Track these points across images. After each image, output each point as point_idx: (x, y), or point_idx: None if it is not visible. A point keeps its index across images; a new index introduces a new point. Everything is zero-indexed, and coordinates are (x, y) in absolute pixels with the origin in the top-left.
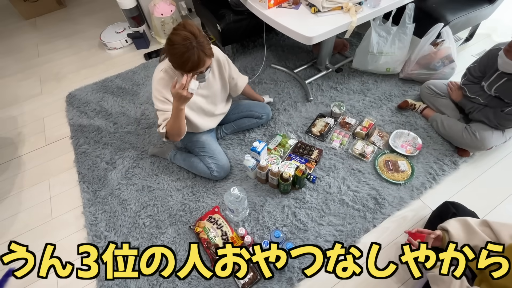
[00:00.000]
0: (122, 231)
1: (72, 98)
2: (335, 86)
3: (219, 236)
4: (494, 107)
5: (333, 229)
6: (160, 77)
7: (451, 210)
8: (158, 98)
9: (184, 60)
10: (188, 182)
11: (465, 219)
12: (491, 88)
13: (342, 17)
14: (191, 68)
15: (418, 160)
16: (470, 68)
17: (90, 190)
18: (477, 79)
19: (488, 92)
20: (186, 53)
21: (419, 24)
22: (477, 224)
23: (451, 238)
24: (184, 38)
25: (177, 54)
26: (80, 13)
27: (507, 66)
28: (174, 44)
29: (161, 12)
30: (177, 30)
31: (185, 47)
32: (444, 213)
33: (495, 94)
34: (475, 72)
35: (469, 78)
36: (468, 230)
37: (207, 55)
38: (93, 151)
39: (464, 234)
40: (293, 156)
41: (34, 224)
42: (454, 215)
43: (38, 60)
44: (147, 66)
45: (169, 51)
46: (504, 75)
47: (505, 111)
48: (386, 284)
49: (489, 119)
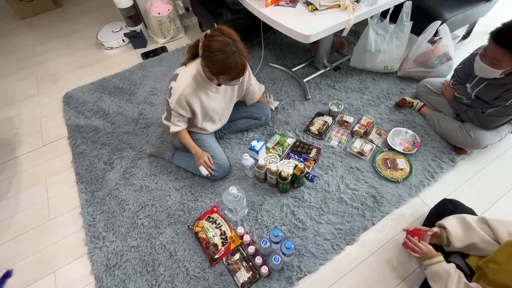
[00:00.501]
0: (120, 232)
1: (69, 98)
2: (333, 84)
3: (218, 236)
4: (476, 107)
5: (332, 227)
6: (188, 83)
7: (449, 207)
8: (182, 104)
9: (227, 66)
10: (187, 182)
11: (463, 216)
12: (473, 91)
13: (340, 15)
14: (235, 74)
15: (416, 158)
16: (457, 69)
17: (88, 190)
18: (463, 80)
19: (471, 93)
20: (228, 60)
21: (416, 22)
22: (475, 221)
23: (449, 235)
24: (224, 44)
25: (219, 62)
26: (76, 12)
27: (483, 71)
28: (215, 51)
29: (158, 11)
30: (214, 36)
31: (227, 53)
32: (442, 210)
33: (475, 96)
34: (460, 73)
35: (456, 79)
36: (466, 227)
37: (246, 59)
38: (90, 151)
39: (461, 231)
40: (292, 155)
41: (31, 226)
42: (452, 212)
43: (34, 60)
44: (144, 66)
45: (208, 58)
46: (484, 80)
47: (486, 112)
48: (385, 281)
49: (472, 120)
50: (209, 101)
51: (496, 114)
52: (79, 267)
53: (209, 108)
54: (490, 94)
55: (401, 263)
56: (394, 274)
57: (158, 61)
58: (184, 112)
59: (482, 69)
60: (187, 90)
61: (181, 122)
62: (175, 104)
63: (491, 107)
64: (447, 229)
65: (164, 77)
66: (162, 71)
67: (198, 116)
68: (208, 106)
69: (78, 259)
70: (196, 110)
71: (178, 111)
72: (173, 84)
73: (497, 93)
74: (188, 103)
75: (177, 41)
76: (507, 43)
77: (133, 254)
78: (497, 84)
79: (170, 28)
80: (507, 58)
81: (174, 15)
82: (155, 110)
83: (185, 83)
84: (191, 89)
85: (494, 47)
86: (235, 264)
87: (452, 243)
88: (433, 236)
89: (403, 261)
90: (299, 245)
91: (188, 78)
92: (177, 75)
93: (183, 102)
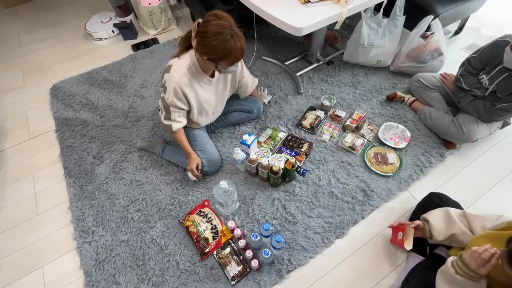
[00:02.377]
0: (110, 226)
1: (57, 90)
2: (326, 78)
3: (209, 230)
4: (489, 101)
5: (322, 221)
6: (183, 72)
7: (435, 201)
8: (178, 95)
9: (226, 50)
10: (178, 176)
11: (447, 210)
12: (492, 83)
13: (332, 7)
14: (235, 58)
15: (407, 153)
16: (470, 59)
17: (76, 184)
18: (476, 71)
19: (486, 86)
20: (228, 43)
21: (409, 16)
22: (457, 215)
23: (431, 228)
24: (221, 27)
25: (218, 46)
26: (63, 1)
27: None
28: (212, 36)
29: (148, 1)
30: (209, 21)
31: (225, 36)
32: (428, 204)
33: (493, 89)
34: (475, 63)
35: (467, 68)
36: (448, 220)
37: (244, 42)
38: (79, 145)
39: (443, 223)
40: (283, 149)
41: (18, 220)
42: (437, 205)
43: (20, 50)
44: (134, 58)
45: (205, 44)
46: (506, 70)
47: (497, 106)
48: (374, 273)
49: (478, 112)
50: (203, 93)
51: (507, 109)
52: (68, 262)
53: (203, 101)
54: (509, 88)
55: (389, 255)
56: (382, 266)
57: (149, 53)
58: (182, 104)
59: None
60: (183, 79)
61: (182, 117)
62: (171, 97)
63: (503, 101)
64: (429, 223)
65: (155, 70)
66: (153, 63)
67: (194, 109)
68: (202, 98)
69: (67, 254)
70: (191, 103)
71: (176, 103)
72: (166, 77)
73: None
74: (184, 94)
75: (169, 32)
76: None
77: (123, 248)
78: None
79: (161, 19)
80: None
81: (165, 5)
82: (145, 103)
83: (180, 73)
84: (186, 79)
85: None
86: (225, 258)
87: (434, 236)
88: (416, 229)
89: (391, 254)
90: (290, 238)
91: (182, 68)
92: (171, 66)
93: (179, 92)
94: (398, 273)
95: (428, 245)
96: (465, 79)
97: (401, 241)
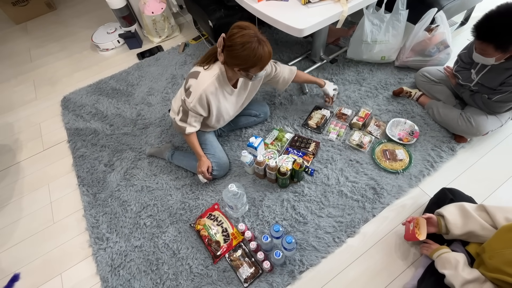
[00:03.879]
0: (123, 232)
1: (67, 101)
2: (330, 77)
3: (220, 233)
4: (483, 93)
5: (333, 220)
6: (211, 81)
7: (448, 196)
8: (202, 102)
9: (257, 57)
10: (187, 181)
11: (462, 204)
12: (477, 76)
13: (333, 7)
14: (264, 63)
15: (416, 148)
16: (461, 55)
17: (90, 193)
18: (468, 65)
19: (474, 79)
20: (257, 51)
21: (412, 10)
22: (474, 209)
23: (447, 223)
24: (248, 36)
25: (249, 55)
26: (70, 15)
27: (479, 59)
28: (240, 47)
29: (151, 10)
30: (235, 33)
31: (253, 44)
32: (441, 199)
33: (480, 82)
34: (465, 58)
35: (460, 64)
36: (465, 215)
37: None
38: (90, 154)
39: (460, 218)
40: (290, 149)
41: (36, 229)
42: (451, 201)
43: (31, 65)
44: (140, 66)
45: (236, 56)
46: (486, 65)
47: (493, 99)
48: (387, 272)
49: (479, 106)
50: (225, 102)
51: (503, 100)
52: (85, 268)
53: (223, 110)
54: (494, 80)
55: (402, 253)
56: (396, 264)
57: (154, 60)
58: (203, 111)
59: (478, 58)
60: (211, 88)
61: (197, 122)
62: (195, 103)
63: (497, 93)
64: (445, 217)
65: (161, 77)
66: (158, 70)
67: (213, 117)
68: (222, 107)
69: (84, 261)
70: (212, 111)
71: (198, 110)
72: (192, 82)
73: (502, 78)
74: (208, 102)
75: (173, 39)
76: (483, 37)
77: (137, 253)
78: (500, 69)
79: (165, 26)
80: (491, 48)
81: (168, 13)
82: (153, 111)
83: (208, 81)
84: (214, 88)
85: (477, 41)
86: (237, 260)
87: (450, 231)
88: (431, 224)
89: (404, 251)
90: (301, 239)
91: (211, 77)
92: (199, 73)
93: (204, 100)
94: (413, 270)
95: (444, 242)
96: (461, 74)
97: (413, 232)
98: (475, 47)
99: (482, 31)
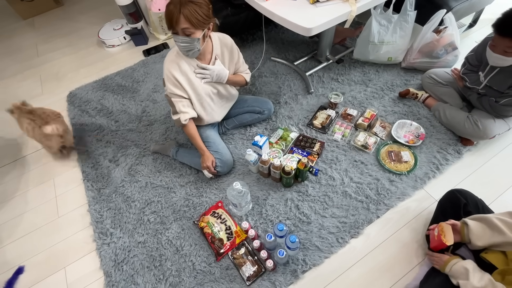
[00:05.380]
0: (127, 228)
1: (73, 97)
2: (336, 77)
3: (223, 231)
4: (491, 96)
5: (337, 221)
6: (171, 59)
7: (461, 200)
8: (171, 81)
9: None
10: (191, 178)
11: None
12: (486, 78)
13: (341, 6)
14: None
15: (421, 150)
16: (468, 57)
17: (94, 188)
18: (475, 68)
19: (483, 82)
20: (168, 8)
21: (420, 11)
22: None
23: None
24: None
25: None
26: (77, 11)
27: (498, 61)
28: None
29: (158, 8)
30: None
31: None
32: (454, 203)
33: (488, 84)
34: (472, 60)
35: (468, 67)
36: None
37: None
38: (95, 149)
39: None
40: (295, 149)
41: (41, 223)
42: (465, 206)
43: (37, 60)
44: (146, 63)
45: None
46: (495, 67)
47: (500, 102)
48: (390, 274)
49: (486, 109)
50: (197, 80)
51: (511, 103)
52: (89, 263)
53: (199, 88)
54: (503, 82)
55: (405, 255)
56: (399, 266)
57: (160, 57)
58: (179, 91)
59: (496, 59)
60: (171, 65)
61: (187, 107)
62: (167, 85)
63: (505, 96)
64: (468, 226)
65: None
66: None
67: (193, 99)
68: (195, 83)
69: (87, 255)
70: (186, 89)
71: (174, 91)
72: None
73: (511, 81)
74: (175, 78)
75: None
76: (510, 32)
77: (140, 249)
78: (510, 71)
79: None
80: None
81: None
82: (158, 107)
83: (168, 59)
84: (175, 64)
85: (500, 39)
86: (240, 258)
87: (472, 241)
88: (455, 232)
89: (407, 254)
90: (304, 238)
91: (171, 54)
92: None
93: (171, 78)
94: (415, 273)
95: None
96: (468, 77)
97: (439, 239)
98: (495, 46)
99: (505, 27)
